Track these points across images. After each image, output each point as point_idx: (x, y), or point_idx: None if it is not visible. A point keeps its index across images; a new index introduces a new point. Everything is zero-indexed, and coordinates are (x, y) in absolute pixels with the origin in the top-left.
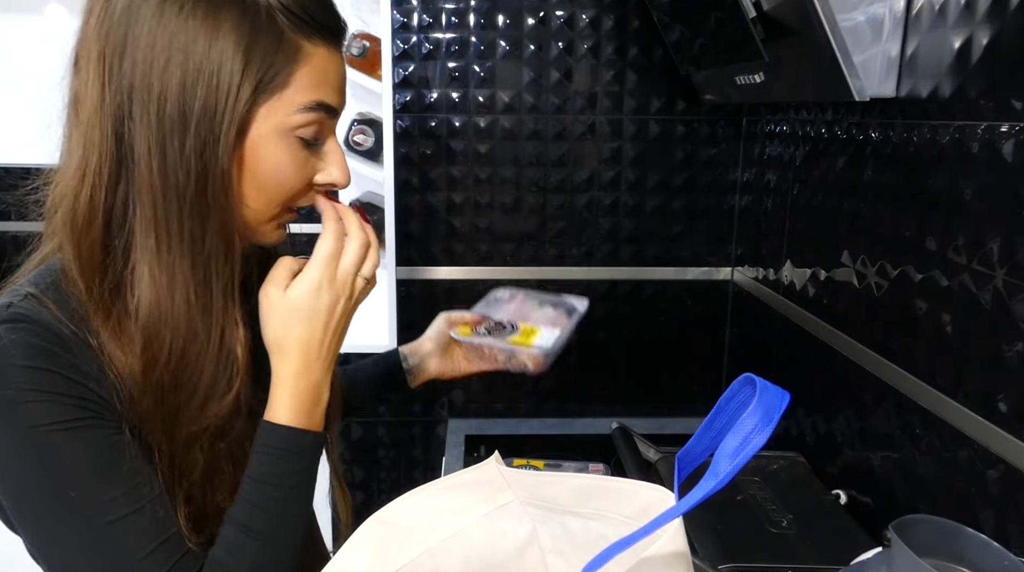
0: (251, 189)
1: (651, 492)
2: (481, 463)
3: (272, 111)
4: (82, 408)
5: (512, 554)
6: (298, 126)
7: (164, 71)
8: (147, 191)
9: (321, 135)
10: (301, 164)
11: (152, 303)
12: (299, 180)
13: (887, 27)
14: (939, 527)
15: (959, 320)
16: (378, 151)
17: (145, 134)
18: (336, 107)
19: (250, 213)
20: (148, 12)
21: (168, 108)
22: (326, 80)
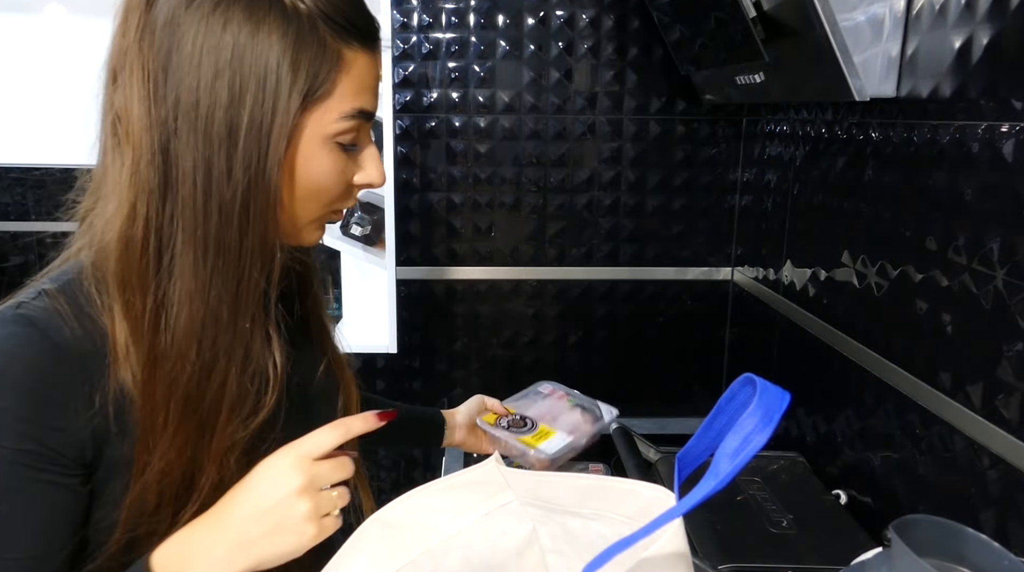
0: (294, 198)
1: (651, 492)
2: (481, 463)
3: (317, 120)
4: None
5: (512, 554)
6: (339, 133)
7: (211, 86)
8: (190, 208)
9: (358, 139)
10: (342, 168)
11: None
12: (340, 184)
13: (887, 27)
14: (939, 527)
15: (959, 320)
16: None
17: (191, 150)
18: (374, 112)
19: (293, 219)
20: (192, 26)
21: (216, 123)
22: (366, 86)
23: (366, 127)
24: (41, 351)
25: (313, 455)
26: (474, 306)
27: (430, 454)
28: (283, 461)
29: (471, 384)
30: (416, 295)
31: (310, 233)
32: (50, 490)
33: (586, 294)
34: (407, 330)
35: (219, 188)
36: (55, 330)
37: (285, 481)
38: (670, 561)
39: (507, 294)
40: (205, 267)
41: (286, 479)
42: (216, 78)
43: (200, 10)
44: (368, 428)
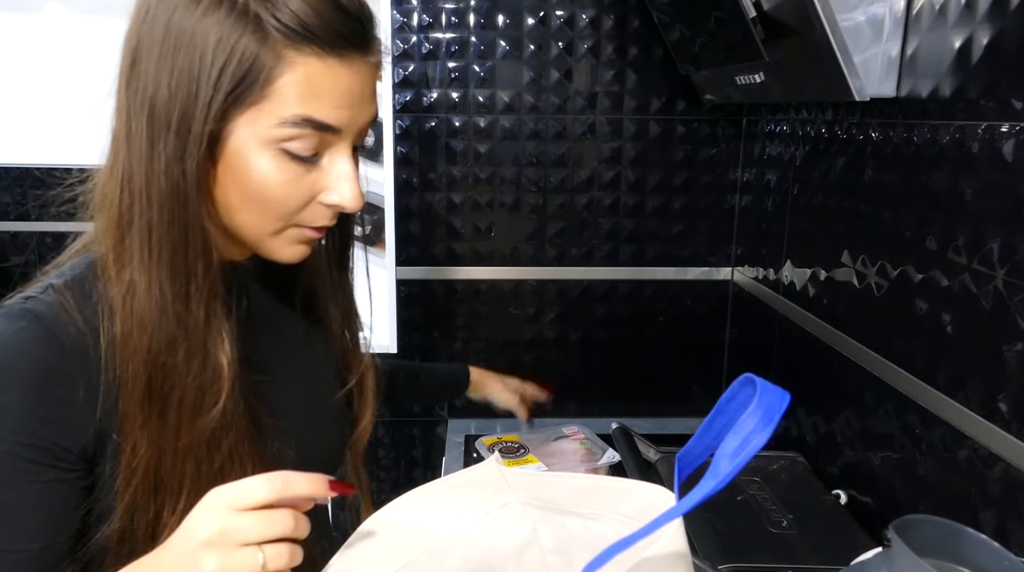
0: (238, 199)
1: (651, 492)
2: (481, 463)
3: (253, 120)
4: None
5: (512, 554)
6: (282, 139)
7: (159, 72)
8: (139, 197)
9: (320, 151)
10: (291, 179)
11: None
12: (293, 195)
13: (887, 27)
14: (939, 527)
15: (959, 320)
16: (378, 151)
17: (140, 138)
18: (331, 124)
19: (245, 225)
20: (163, 15)
21: (157, 111)
22: (315, 94)
23: (330, 140)
24: (46, 346)
25: (234, 505)
26: (474, 306)
27: (430, 454)
28: (202, 505)
29: None
30: (416, 295)
31: (281, 247)
32: (53, 485)
33: (586, 294)
34: (407, 330)
35: (158, 179)
36: (60, 325)
37: (193, 531)
38: (670, 561)
39: (507, 294)
40: (151, 257)
41: (195, 528)
42: (164, 65)
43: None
44: (312, 493)
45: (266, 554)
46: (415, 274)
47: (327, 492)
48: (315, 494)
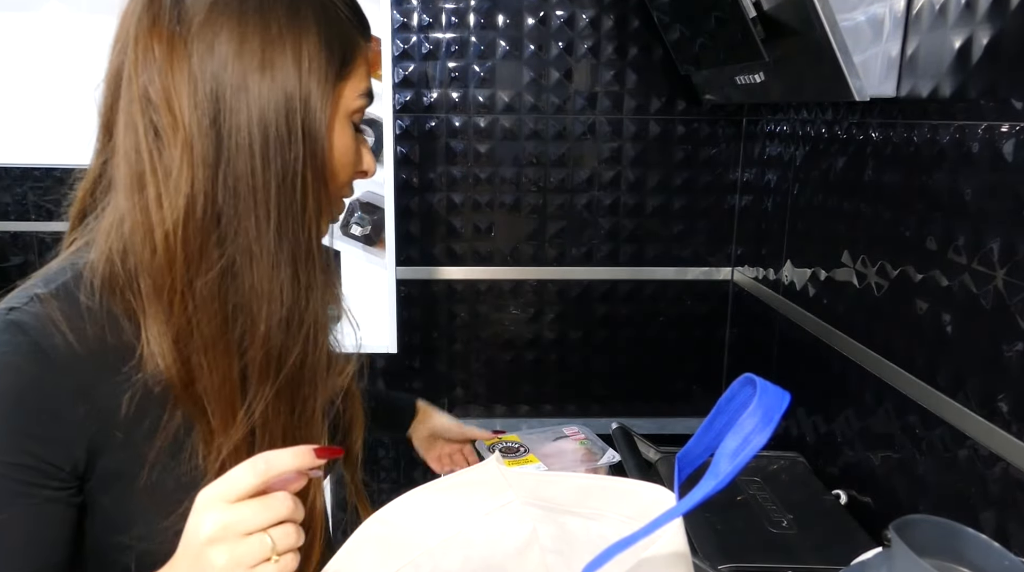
0: (334, 168)
1: (651, 492)
2: (481, 463)
3: (345, 95)
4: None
5: (512, 554)
6: (355, 111)
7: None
8: (247, 177)
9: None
10: (354, 147)
11: (260, 286)
12: (352, 163)
13: (887, 27)
14: (939, 527)
15: (959, 320)
16: (378, 151)
17: (245, 123)
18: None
19: (334, 191)
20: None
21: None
22: (367, 72)
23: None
24: (32, 360)
25: (227, 497)
26: (474, 306)
27: None
28: (196, 507)
29: (471, 384)
30: (416, 295)
31: (337, 212)
32: (45, 505)
33: (586, 294)
34: (407, 330)
35: (278, 153)
36: (46, 337)
37: (195, 531)
38: (670, 561)
39: (507, 294)
40: (268, 232)
41: (196, 529)
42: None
43: None
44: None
45: (273, 536)
46: (415, 274)
47: (313, 460)
48: (302, 465)
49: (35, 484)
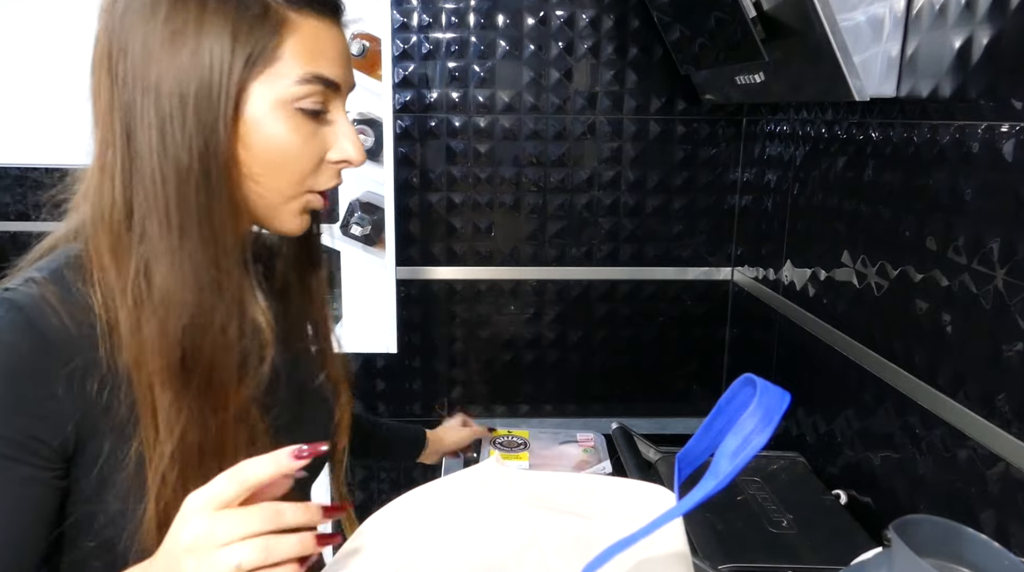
0: (259, 166)
1: (651, 492)
2: (481, 463)
3: (268, 85)
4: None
5: (512, 554)
6: (297, 98)
7: (161, 57)
8: (149, 174)
9: (327, 107)
10: (307, 137)
11: (166, 287)
12: (308, 155)
13: (887, 27)
14: (939, 527)
15: (959, 320)
16: (378, 151)
17: (147, 121)
18: (336, 81)
19: (265, 193)
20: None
21: (166, 92)
22: (321, 52)
23: (334, 98)
24: (25, 336)
25: (208, 507)
26: (474, 306)
27: None
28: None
29: (471, 384)
30: (416, 295)
31: (289, 218)
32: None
33: (586, 294)
34: (407, 330)
35: (175, 157)
36: (41, 317)
37: (175, 537)
38: (670, 561)
39: (507, 294)
40: (175, 234)
41: (176, 534)
42: (165, 49)
43: None
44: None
45: (241, 554)
46: (415, 274)
47: (292, 464)
48: (280, 470)
49: (18, 460)
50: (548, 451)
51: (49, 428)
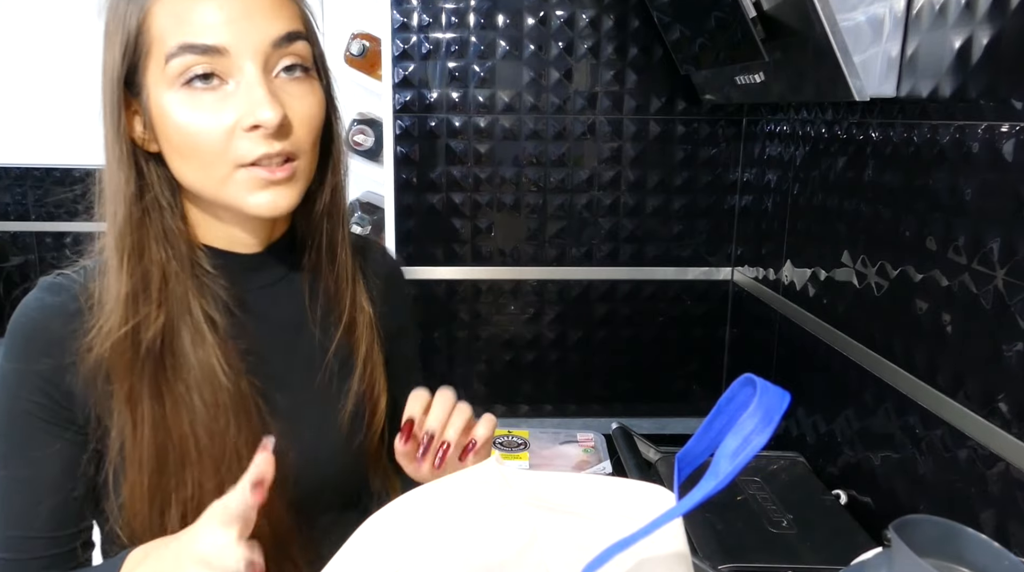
0: (175, 154)
1: (651, 492)
2: (481, 463)
3: (152, 71)
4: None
5: (512, 554)
6: (178, 75)
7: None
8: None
9: (223, 76)
10: (208, 110)
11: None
12: (214, 127)
13: (887, 27)
14: (939, 527)
15: (959, 320)
16: (378, 151)
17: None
18: (211, 44)
19: (196, 181)
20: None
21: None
22: (184, 21)
23: (224, 63)
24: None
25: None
26: (474, 306)
27: None
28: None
29: (471, 384)
30: (416, 295)
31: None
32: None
33: (586, 294)
34: None
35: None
36: (74, 301)
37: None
38: (670, 561)
39: (507, 294)
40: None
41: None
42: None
43: None
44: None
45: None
46: (415, 274)
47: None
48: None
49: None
50: (548, 451)
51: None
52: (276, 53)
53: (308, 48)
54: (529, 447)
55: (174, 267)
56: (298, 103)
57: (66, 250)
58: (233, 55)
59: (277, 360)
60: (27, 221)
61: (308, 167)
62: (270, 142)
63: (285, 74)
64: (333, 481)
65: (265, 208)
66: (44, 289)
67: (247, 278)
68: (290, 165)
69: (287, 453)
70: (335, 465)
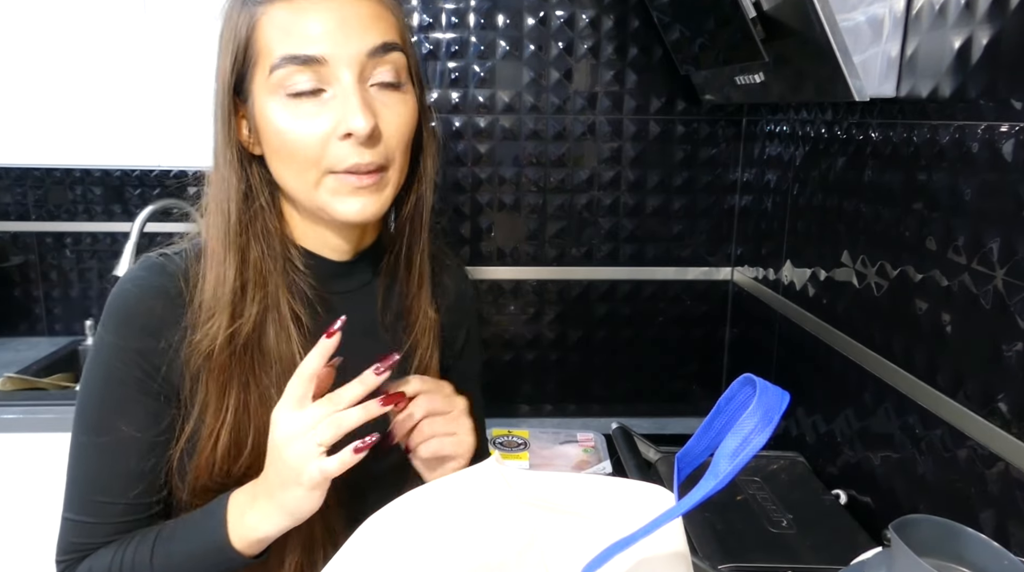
0: (275, 159)
1: (651, 492)
2: (481, 463)
3: (259, 79)
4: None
5: (512, 554)
6: (281, 84)
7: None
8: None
9: (322, 86)
10: (307, 118)
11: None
12: (311, 135)
13: (887, 27)
14: (939, 527)
15: (959, 320)
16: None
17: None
18: (312, 55)
19: (291, 185)
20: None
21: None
22: (288, 33)
23: (324, 72)
24: (154, 295)
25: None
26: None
27: None
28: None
29: None
30: None
31: (331, 201)
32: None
33: (586, 294)
34: None
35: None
36: (173, 281)
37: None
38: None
39: (507, 294)
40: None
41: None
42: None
43: None
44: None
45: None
46: None
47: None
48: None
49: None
50: (548, 451)
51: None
52: (371, 62)
53: (403, 59)
54: (529, 447)
55: (268, 264)
56: (390, 113)
57: (66, 250)
58: (331, 64)
59: (350, 362)
60: (27, 221)
61: (398, 175)
62: (361, 151)
63: (380, 84)
64: (382, 481)
65: (352, 214)
66: (146, 268)
67: (333, 282)
68: (379, 174)
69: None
70: (384, 465)
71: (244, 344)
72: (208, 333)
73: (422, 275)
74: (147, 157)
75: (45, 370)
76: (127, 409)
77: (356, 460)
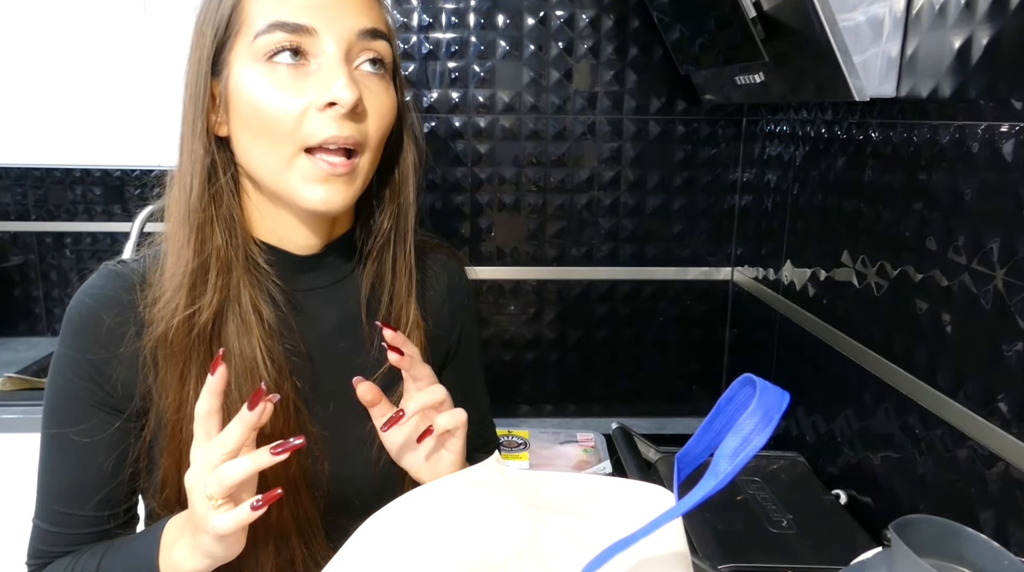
0: (246, 135)
1: (651, 492)
2: (481, 463)
3: (241, 48)
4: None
5: (512, 554)
6: (265, 51)
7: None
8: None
9: (303, 52)
10: (286, 86)
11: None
12: (288, 103)
13: (887, 27)
14: (939, 527)
15: (959, 320)
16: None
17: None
18: (301, 23)
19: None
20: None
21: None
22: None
23: (311, 42)
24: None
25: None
26: (474, 306)
27: None
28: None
29: None
30: None
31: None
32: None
33: (586, 294)
34: None
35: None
36: (127, 289)
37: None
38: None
39: (507, 294)
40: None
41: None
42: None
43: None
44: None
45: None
46: None
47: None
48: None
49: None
50: (548, 451)
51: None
52: (359, 44)
53: (389, 52)
54: (529, 447)
55: (231, 254)
56: (373, 96)
57: (66, 250)
58: (320, 36)
59: (322, 366)
60: (27, 221)
61: (368, 166)
62: (340, 124)
63: (366, 67)
64: (366, 491)
65: (318, 202)
66: (102, 277)
67: (299, 279)
68: (351, 161)
69: (322, 461)
70: (369, 476)
71: (202, 332)
72: (163, 315)
73: (410, 281)
74: (147, 157)
75: (45, 370)
76: (83, 422)
77: (254, 517)
